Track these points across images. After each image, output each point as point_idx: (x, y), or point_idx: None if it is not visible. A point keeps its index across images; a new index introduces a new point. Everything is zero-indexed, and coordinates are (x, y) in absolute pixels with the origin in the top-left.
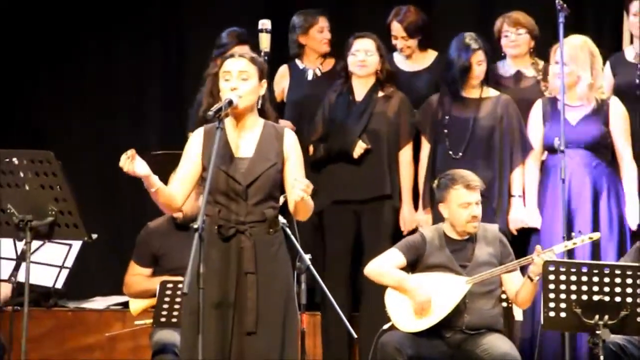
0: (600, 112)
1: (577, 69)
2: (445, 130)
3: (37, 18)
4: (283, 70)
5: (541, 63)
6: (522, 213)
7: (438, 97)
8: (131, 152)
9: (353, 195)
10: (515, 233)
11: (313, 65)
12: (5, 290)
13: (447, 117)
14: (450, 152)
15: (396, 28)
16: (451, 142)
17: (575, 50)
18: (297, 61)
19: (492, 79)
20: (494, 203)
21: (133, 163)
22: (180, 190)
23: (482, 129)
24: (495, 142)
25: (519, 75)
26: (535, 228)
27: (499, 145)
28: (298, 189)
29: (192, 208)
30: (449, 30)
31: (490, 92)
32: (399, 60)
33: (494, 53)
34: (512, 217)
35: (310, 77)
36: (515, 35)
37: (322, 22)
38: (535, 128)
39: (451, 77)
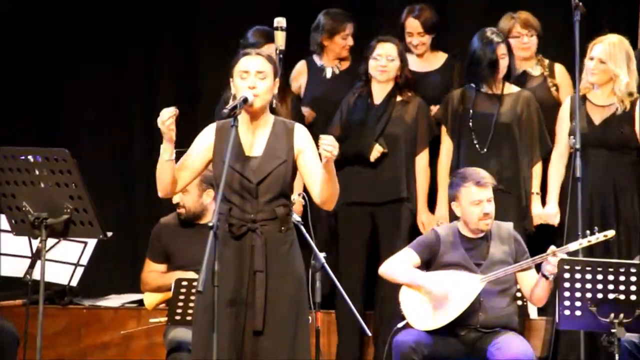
0: (627, 112)
1: (615, 68)
2: (471, 124)
3: (53, 17)
4: (301, 67)
5: (546, 61)
6: (541, 210)
7: (460, 92)
8: (177, 111)
9: (369, 197)
10: (533, 230)
11: (331, 64)
12: None
13: (471, 111)
14: (477, 146)
15: (413, 25)
16: (477, 136)
17: (614, 48)
18: (315, 57)
19: (514, 75)
20: (523, 202)
21: (173, 124)
22: (178, 176)
23: (503, 125)
24: (516, 139)
25: (525, 76)
26: (558, 226)
27: (519, 142)
28: (325, 145)
29: (195, 204)
30: (457, 32)
31: (512, 89)
32: (410, 61)
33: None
34: (533, 214)
35: (329, 75)
36: (527, 38)
37: (349, 30)
38: (563, 125)
39: (479, 73)
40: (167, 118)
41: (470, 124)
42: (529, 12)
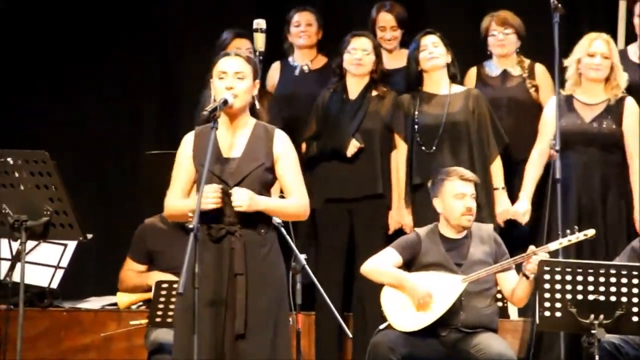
0: (615, 110)
1: (617, 62)
2: (416, 127)
3: (39, 21)
4: (275, 66)
5: (527, 61)
6: (508, 204)
7: (409, 95)
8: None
9: (346, 193)
10: (502, 225)
11: (303, 62)
12: None
13: (417, 113)
14: (423, 148)
15: (386, 19)
16: (423, 138)
17: (611, 44)
18: (290, 58)
19: (459, 75)
20: (478, 198)
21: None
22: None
23: (455, 124)
24: (472, 137)
25: (505, 75)
26: (528, 224)
27: (474, 140)
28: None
29: None
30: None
31: (459, 88)
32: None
33: (480, 52)
34: (499, 211)
35: (297, 72)
36: (502, 35)
37: (297, 17)
38: (548, 124)
39: (409, 71)
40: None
41: (416, 125)
42: (509, 12)
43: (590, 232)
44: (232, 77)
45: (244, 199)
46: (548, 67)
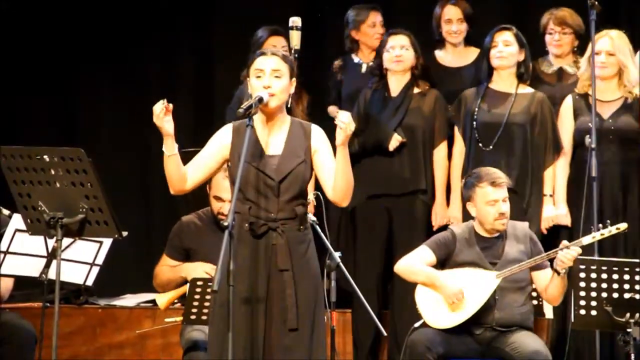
0: (632, 106)
1: (624, 59)
2: (475, 123)
3: (75, 17)
4: (337, 64)
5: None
6: (553, 212)
7: (472, 90)
8: (169, 105)
9: (388, 189)
10: (545, 232)
11: (367, 60)
12: (7, 284)
13: (477, 110)
14: (480, 145)
15: (452, 12)
16: (481, 135)
17: (619, 40)
18: (353, 55)
19: (529, 76)
20: (524, 202)
21: (163, 118)
22: (192, 174)
23: (515, 125)
24: (528, 140)
25: (561, 73)
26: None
27: (531, 143)
28: (342, 117)
29: None
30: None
31: (526, 89)
32: (441, 56)
33: (537, 48)
34: (544, 217)
35: (364, 70)
36: (559, 35)
37: (373, 17)
38: (566, 123)
39: (482, 65)
40: (159, 112)
41: (475, 122)
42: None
43: (623, 226)
44: (269, 75)
45: (350, 122)
46: None
